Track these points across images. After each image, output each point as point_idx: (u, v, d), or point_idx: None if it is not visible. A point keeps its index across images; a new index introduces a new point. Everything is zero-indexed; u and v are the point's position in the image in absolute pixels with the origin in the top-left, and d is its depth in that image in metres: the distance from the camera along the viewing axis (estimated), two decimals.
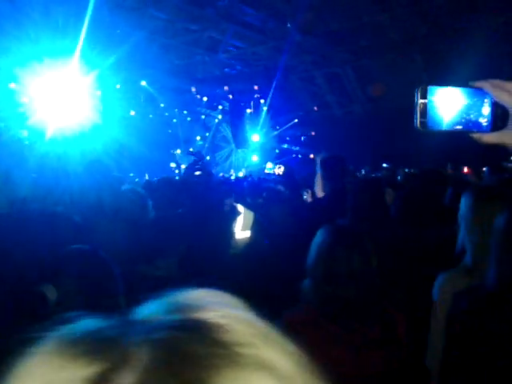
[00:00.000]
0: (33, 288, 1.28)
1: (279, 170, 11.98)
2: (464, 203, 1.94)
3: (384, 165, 11.55)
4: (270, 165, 13.74)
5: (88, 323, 0.41)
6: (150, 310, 0.43)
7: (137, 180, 9.23)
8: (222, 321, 0.40)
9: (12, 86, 10.00)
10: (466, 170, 8.87)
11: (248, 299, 0.48)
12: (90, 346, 0.37)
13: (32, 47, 9.23)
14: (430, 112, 0.93)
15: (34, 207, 3.49)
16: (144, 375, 0.34)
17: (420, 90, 0.94)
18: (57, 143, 7.55)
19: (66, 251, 1.54)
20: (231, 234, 3.86)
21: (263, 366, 0.37)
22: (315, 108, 16.08)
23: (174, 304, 0.43)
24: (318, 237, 1.94)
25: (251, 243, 3.63)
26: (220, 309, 0.42)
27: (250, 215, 4.01)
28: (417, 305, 2.25)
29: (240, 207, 5.06)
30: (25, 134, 9.89)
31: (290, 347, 0.41)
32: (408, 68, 13.01)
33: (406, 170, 8.89)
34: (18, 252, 2.19)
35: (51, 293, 1.27)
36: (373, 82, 13.83)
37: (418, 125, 0.93)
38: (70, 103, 10.66)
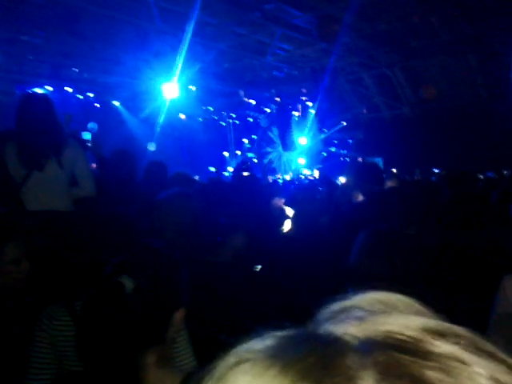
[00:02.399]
0: (112, 278, 1.36)
1: (315, 174, 11.96)
2: None
3: (435, 170, 11.28)
4: (306, 171, 13.71)
5: (292, 334, 0.36)
6: (336, 315, 0.38)
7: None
8: (437, 338, 0.33)
9: None
10: None
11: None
12: (312, 369, 0.31)
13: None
14: None
15: (100, 207, 3.67)
16: None
17: None
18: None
19: (140, 245, 1.61)
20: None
21: None
22: (364, 110, 15.86)
23: (362, 311, 0.38)
24: (361, 239, 1.95)
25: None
26: (422, 321, 0.36)
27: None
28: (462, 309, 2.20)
29: (288, 210, 5.12)
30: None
31: (506, 358, 0.34)
32: (461, 69, 12.62)
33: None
34: (92, 247, 2.32)
35: (128, 283, 1.34)
36: (423, 83, 13.50)
37: None
38: None
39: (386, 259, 1.82)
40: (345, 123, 16.08)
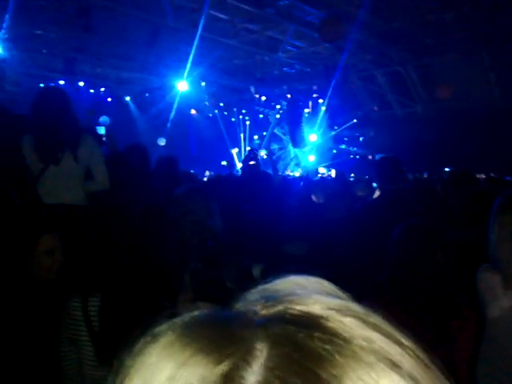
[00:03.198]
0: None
1: (331, 173, 11.96)
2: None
3: (446, 169, 11.21)
4: (322, 169, 13.67)
5: (203, 313, 0.40)
6: (254, 297, 0.42)
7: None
8: (335, 314, 0.37)
9: None
10: None
11: None
12: (211, 341, 0.35)
13: None
14: None
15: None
16: (269, 373, 0.33)
17: None
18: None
19: None
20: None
21: (389, 364, 0.34)
22: (375, 108, 15.78)
23: (276, 292, 0.41)
24: (399, 234, 2.04)
25: None
26: (326, 300, 0.39)
27: None
28: None
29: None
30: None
31: (409, 342, 0.37)
32: (474, 67, 12.51)
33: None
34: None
35: (256, 271, 1.40)
36: (436, 81, 13.42)
37: None
38: None
39: (427, 253, 1.88)
40: (356, 120, 16.01)
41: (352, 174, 12.06)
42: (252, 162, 6.43)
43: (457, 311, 1.91)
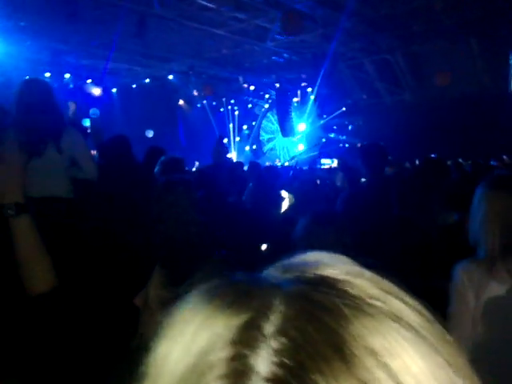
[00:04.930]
0: None
1: (334, 164, 11.96)
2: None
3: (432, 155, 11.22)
4: (326, 160, 13.60)
5: (227, 277, 0.44)
6: (277, 266, 0.45)
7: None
8: (346, 277, 0.41)
9: None
10: None
11: None
12: (231, 297, 0.40)
13: None
14: None
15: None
16: (285, 323, 0.37)
17: None
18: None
19: None
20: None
21: (393, 317, 0.38)
22: (364, 96, 15.76)
23: (297, 262, 0.45)
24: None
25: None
26: (341, 266, 0.43)
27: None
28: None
29: (284, 193, 5.15)
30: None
31: (416, 303, 0.42)
32: (462, 54, 12.52)
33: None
34: None
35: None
36: (424, 68, 13.43)
37: None
38: None
39: None
40: (344, 109, 15.99)
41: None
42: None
43: None
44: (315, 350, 0.35)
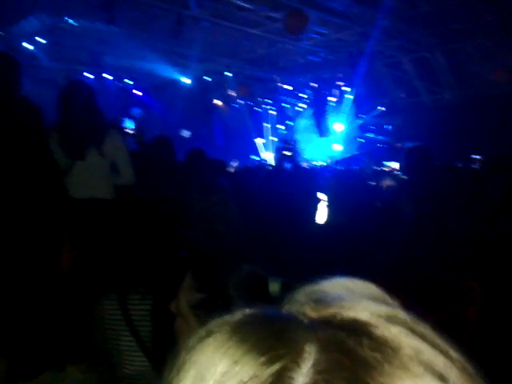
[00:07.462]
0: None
1: (394, 165, 11.68)
2: None
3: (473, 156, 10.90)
4: (394, 164, 13.26)
5: (255, 312, 0.41)
6: (302, 298, 0.43)
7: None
8: (382, 322, 0.38)
9: None
10: None
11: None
12: (263, 340, 0.37)
13: None
14: None
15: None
16: (318, 376, 0.34)
17: None
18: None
19: None
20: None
21: (436, 376, 0.35)
22: (402, 95, 15.45)
23: (324, 295, 0.43)
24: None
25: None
26: (374, 306, 0.41)
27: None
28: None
29: (321, 195, 5.08)
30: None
31: (453, 351, 0.38)
32: (504, 53, 12.11)
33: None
34: None
35: (274, 286, 1.36)
36: (464, 67, 13.07)
37: None
38: None
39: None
40: (383, 108, 15.71)
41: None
42: (287, 153, 6.32)
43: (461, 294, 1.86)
44: None
